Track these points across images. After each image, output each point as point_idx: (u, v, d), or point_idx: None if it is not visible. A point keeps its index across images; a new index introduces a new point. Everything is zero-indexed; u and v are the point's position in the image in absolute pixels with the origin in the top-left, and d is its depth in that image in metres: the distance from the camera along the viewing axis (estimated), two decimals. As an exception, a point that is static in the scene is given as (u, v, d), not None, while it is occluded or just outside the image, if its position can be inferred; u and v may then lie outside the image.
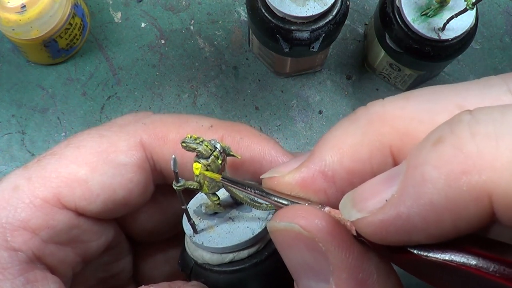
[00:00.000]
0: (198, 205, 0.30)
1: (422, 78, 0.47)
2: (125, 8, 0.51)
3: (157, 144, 0.30)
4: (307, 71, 0.49)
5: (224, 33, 0.51)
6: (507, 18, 0.52)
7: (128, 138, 0.30)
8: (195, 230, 0.29)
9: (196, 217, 0.29)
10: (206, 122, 0.31)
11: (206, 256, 0.29)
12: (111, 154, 0.29)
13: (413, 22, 0.41)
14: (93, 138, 0.29)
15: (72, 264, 0.30)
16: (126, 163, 0.29)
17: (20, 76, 0.49)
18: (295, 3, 0.39)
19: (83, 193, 0.28)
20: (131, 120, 0.31)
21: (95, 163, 0.28)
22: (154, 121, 0.31)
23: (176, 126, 0.30)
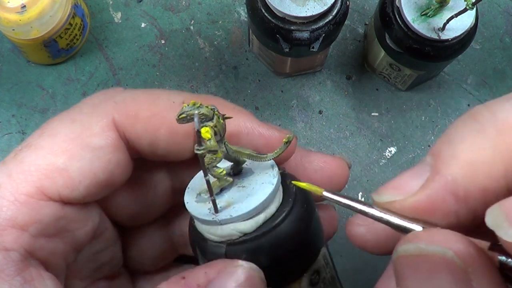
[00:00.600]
0: (196, 196, 0.29)
1: (422, 78, 0.47)
2: (125, 8, 0.51)
3: (129, 123, 0.30)
4: (307, 71, 0.49)
5: (224, 33, 0.51)
6: (507, 18, 0.52)
7: (101, 119, 0.29)
8: (216, 208, 0.27)
9: (204, 203, 0.28)
10: (178, 97, 0.30)
11: (240, 227, 0.27)
12: (86, 139, 0.29)
13: (413, 22, 0.41)
14: (65, 124, 0.29)
15: (63, 255, 0.30)
16: (102, 145, 0.29)
17: (20, 76, 0.49)
18: (295, 3, 0.39)
19: (65, 182, 0.28)
20: (101, 98, 0.31)
21: (72, 150, 0.28)
22: (125, 98, 0.30)
23: (147, 103, 0.30)
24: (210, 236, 0.28)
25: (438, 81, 0.50)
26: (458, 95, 0.50)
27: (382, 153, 0.49)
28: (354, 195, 0.48)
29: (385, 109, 0.50)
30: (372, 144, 0.49)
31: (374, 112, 0.50)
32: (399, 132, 0.49)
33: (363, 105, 0.50)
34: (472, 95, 0.50)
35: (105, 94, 0.31)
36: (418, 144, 0.49)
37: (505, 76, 0.51)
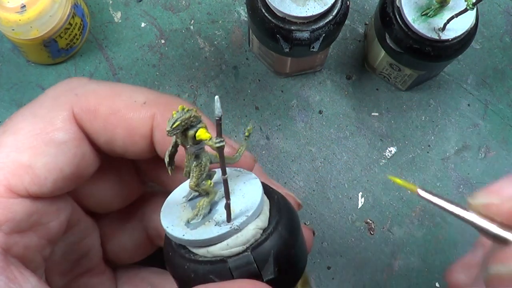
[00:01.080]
0: (184, 224, 0.27)
1: (422, 78, 0.47)
2: (125, 8, 0.51)
3: (87, 118, 0.29)
4: (307, 71, 0.49)
5: (224, 33, 0.51)
6: (507, 18, 0.52)
7: (62, 112, 0.29)
8: (229, 216, 0.26)
9: (203, 224, 0.27)
10: (141, 97, 0.30)
11: (260, 223, 0.26)
12: (49, 134, 0.28)
13: (413, 22, 0.41)
14: (27, 119, 0.29)
15: (38, 248, 0.30)
16: (66, 139, 0.29)
17: (20, 76, 0.49)
18: (295, 3, 0.39)
19: (32, 179, 0.28)
20: (63, 89, 0.30)
21: (36, 147, 0.28)
22: (87, 92, 0.30)
23: (109, 99, 0.30)
24: (225, 252, 0.26)
25: (438, 81, 0.50)
26: (458, 95, 0.50)
27: (382, 153, 0.49)
28: (354, 195, 0.48)
29: (385, 109, 0.50)
30: (372, 144, 0.49)
31: (374, 112, 0.50)
32: (399, 132, 0.49)
33: (363, 105, 0.50)
34: (472, 95, 0.50)
35: (68, 84, 0.31)
36: (418, 144, 0.49)
37: (505, 76, 0.51)
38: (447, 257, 0.47)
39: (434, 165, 0.49)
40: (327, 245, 0.47)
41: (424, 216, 0.48)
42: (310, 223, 0.47)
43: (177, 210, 0.28)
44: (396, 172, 0.48)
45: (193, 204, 0.28)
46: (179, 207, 0.28)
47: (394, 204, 0.48)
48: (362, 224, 0.47)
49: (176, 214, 0.28)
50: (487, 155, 0.49)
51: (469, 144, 0.49)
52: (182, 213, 0.28)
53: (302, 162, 0.48)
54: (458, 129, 0.49)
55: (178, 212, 0.28)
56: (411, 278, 0.47)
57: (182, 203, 0.28)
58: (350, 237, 0.47)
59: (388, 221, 0.47)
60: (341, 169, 0.48)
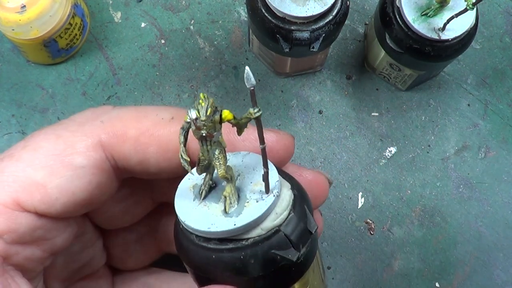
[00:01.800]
0: (207, 217, 0.27)
1: (422, 78, 0.47)
2: (125, 8, 0.51)
3: (116, 143, 0.29)
4: (307, 71, 0.49)
5: (224, 33, 0.51)
6: (507, 18, 0.52)
7: (86, 138, 0.29)
8: (268, 187, 0.26)
9: (238, 210, 0.27)
10: (166, 114, 0.30)
11: (289, 185, 0.27)
12: (68, 157, 0.28)
13: (413, 22, 0.41)
14: (50, 139, 0.29)
15: (40, 260, 0.30)
16: (84, 165, 0.29)
17: (20, 76, 0.49)
18: (295, 3, 0.39)
19: (42, 197, 0.28)
20: (89, 117, 0.30)
21: (52, 166, 0.28)
22: (112, 118, 0.30)
23: (135, 122, 0.30)
24: (277, 221, 0.26)
25: (438, 81, 0.50)
26: (458, 95, 0.50)
27: (382, 153, 0.49)
28: (354, 195, 0.48)
29: (385, 109, 0.50)
30: (372, 144, 0.49)
31: (374, 112, 0.50)
32: (399, 132, 0.49)
33: (363, 105, 0.50)
34: (472, 95, 0.50)
35: (93, 113, 0.31)
36: (418, 144, 0.49)
37: (505, 76, 0.51)
38: (447, 257, 0.47)
39: (434, 165, 0.49)
40: (327, 245, 0.47)
41: (424, 216, 0.48)
42: (310, 223, 0.47)
43: (201, 212, 0.27)
44: (396, 172, 0.48)
45: (214, 199, 0.27)
46: (199, 208, 0.27)
47: (394, 204, 0.48)
48: (362, 224, 0.47)
49: (202, 216, 0.27)
50: (487, 155, 0.49)
51: (469, 144, 0.49)
52: (209, 211, 0.27)
53: (302, 162, 0.48)
54: (458, 129, 0.49)
55: (202, 213, 0.27)
56: (411, 278, 0.47)
57: (199, 204, 0.28)
58: (350, 237, 0.47)
59: (388, 221, 0.47)
60: (341, 169, 0.48)
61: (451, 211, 0.48)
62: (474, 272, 0.47)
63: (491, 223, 0.48)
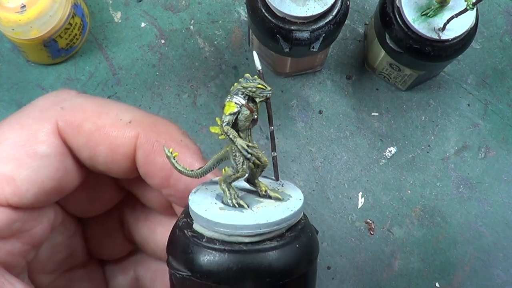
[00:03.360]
0: (214, 203, 0.26)
1: (422, 78, 0.47)
2: (125, 8, 0.51)
3: (71, 133, 0.29)
4: (307, 71, 0.49)
5: (224, 33, 0.50)
6: (507, 18, 0.52)
7: (46, 125, 0.29)
8: (277, 175, 0.28)
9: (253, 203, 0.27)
10: (127, 116, 0.29)
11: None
12: (33, 146, 0.28)
13: (413, 22, 0.41)
14: (14, 129, 0.29)
15: (22, 254, 0.29)
16: (49, 153, 0.29)
17: (20, 76, 0.49)
18: (295, 3, 0.39)
19: (13, 190, 0.28)
20: (51, 102, 0.30)
21: (19, 158, 0.28)
22: (73, 106, 0.29)
23: (94, 116, 0.29)
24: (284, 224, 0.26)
25: (438, 81, 0.50)
26: (458, 95, 0.50)
27: (382, 153, 0.49)
28: (354, 195, 0.48)
29: (385, 109, 0.50)
30: (372, 144, 0.49)
31: (374, 112, 0.50)
32: (399, 132, 0.49)
33: (363, 105, 0.50)
34: (472, 95, 0.50)
35: (56, 96, 0.30)
36: (418, 144, 0.49)
37: (505, 76, 0.51)
38: (447, 257, 0.47)
39: (434, 165, 0.49)
40: (327, 245, 0.47)
41: (424, 216, 0.48)
42: (310, 223, 0.47)
43: (256, 214, 0.26)
44: (396, 172, 0.48)
45: (252, 201, 0.27)
46: (249, 213, 0.26)
47: (394, 204, 0.48)
48: (362, 224, 0.47)
49: (263, 215, 0.26)
50: (487, 155, 0.49)
51: (469, 144, 0.49)
52: (262, 209, 0.26)
53: (302, 162, 0.48)
54: (458, 129, 0.49)
55: (259, 214, 0.26)
56: (411, 278, 0.47)
57: (248, 210, 0.26)
58: (350, 237, 0.47)
59: (388, 221, 0.47)
60: (341, 169, 0.48)
61: (451, 211, 0.48)
62: (474, 272, 0.47)
63: (491, 223, 0.48)
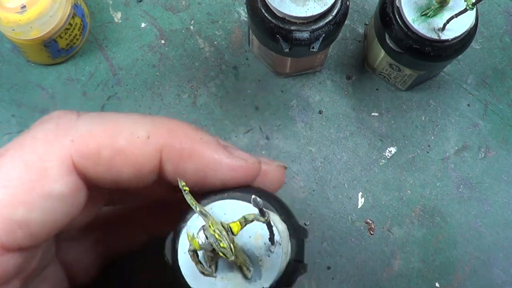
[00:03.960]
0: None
1: (422, 78, 0.47)
2: (125, 8, 0.51)
3: (90, 165, 0.27)
4: (307, 71, 0.50)
5: (224, 33, 0.51)
6: (507, 18, 0.52)
7: (58, 163, 0.27)
8: (272, 241, 0.27)
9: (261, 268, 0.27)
10: (142, 131, 0.28)
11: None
12: (45, 187, 0.26)
13: (413, 22, 0.41)
14: (18, 168, 0.27)
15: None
16: (64, 193, 0.27)
17: (20, 76, 0.49)
18: (295, 3, 0.39)
19: (25, 235, 0.26)
20: (55, 133, 0.28)
21: (30, 202, 0.26)
22: (83, 135, 0.28)
23: (109, 139, 0.28)
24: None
25: (438, 81, 0.50)
26: (458, 95, 0.50)
27: (382, 153, 0.49)
28: (354, 195, 0.48)
29: (385, 109, 0.50)
30: (372, 144, 0.49)
31: (374, 112, 0.50)
32: (399, 132, 0.49)
33: (363, 105, 0.50)
34: (472, 95, 0.50)
35: (57, 125, 0.28)
36: (418, 144, 0.49)
37: (505, 76, 0.51)
38: (447, 257, 0.47)
39: (434, 165, 0.49)
40: (327, 245, 0.47)
41: (424, 216, 0.48)
42: (310, 223, 0.47)
43: (223, 286, 0.27)
44: (396, 172, 0.48)
45: (226, 267, 0.27)
46: (219, 284, 0.27)
47: (394, 204, 0.48)
48: (362, 224, 0.47)
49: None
50: (487, 155, 0.49)
51: (469, 144, 0.49)
52: (230, 283, 0.27)
53: (302, 162, 0.48)
54: (458, 129, 0.50)
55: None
56: (411, 278, 0.47)
57: (216, 280, 0.27)
58: (350, 237, 0.47)
59: (388, 221, 0.48)
60: (341, 169, 0.48)
61: (451, 211, 0.48)
62: (474, 272, 0.47)
63: (491, 223, 0.48)
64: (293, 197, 0.47)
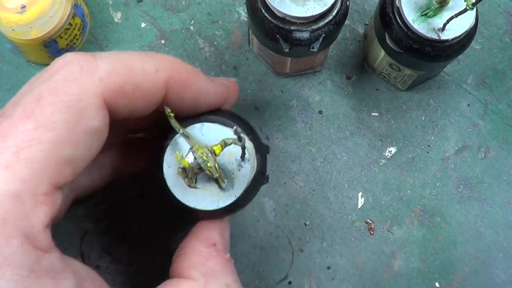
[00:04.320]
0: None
1: (422, 78, 0.47)
2: (125, 8, 0.51)
3: (117, 98, 0.31)
4: (307, 71, 0.50)
5: (224, 33, 0.51)
6: (507, 18, 0.52)
7: (94, 101, 0.30)
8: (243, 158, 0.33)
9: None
10: (151, 66, 0.32)
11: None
12: (86, 123, 0.29)
13: (413, 22, 0.41)
14: (61, 111, 0.29)
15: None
16: (100, 128, 0.30)
17: (20, 76, 0.49)
18: (295, 3, 0.39)
19: (71, 172, 0.29)
20: (83, 74, 0.30)
21: (75, 139, 0.29)
22: (108, 73, 0.30)
23: (128, 75, 0.31)
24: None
25: (438, 81, 0.50)
26: (458, 95, 0.50)
27: (382, 153, 0.49)
28: (354, 195, 0.48)
29: (385, 109, 0.50)
30: (372, 144, 0.49)
31: (374, 112, 0.50)
32: (399, 132, 0.49)
33: (363, 105, 0.50)
34: (472, 95, 0.50)
35: (81, 67, 0.31)
36: (418, 144, 0.49)
37: (505, 76, 0.51)
38: (447, 257, 0.47)
39: (434, 165, 0.49)
40: (327, 245, 0.47)
41: (424, 216, 0.48)
42: (310, 223, 0.47)
43: (201, 195, 0.33)
44: (396, 172, 0.49)
45: (204, 179, 0.33)
46: (198, 192, 0.33)
47: (394, 204, 0.48)
48: (362, 224, 0.47)
49: (205, 197, 0.33)
50: (487, 155, 0.49)
51: (469, 144, 0.49)
52: (207, 192, 0.33)
53: (302, 162, 0.48)
54: (458, 129, 0.50)
55: (204, 195, 0.33)
56: (411, 278, 0.47)
57: (195, 188, 0.33)
58: (350, 237, 0.47)
59: (388, 221, 0.48)
60: (341, 169, 0.48)
61: (451, 211, 0.48)
62: (474, 272, 0.47)
63: (491, 223, 0.48)
64: (293, 197, 0.47)
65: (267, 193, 0.47)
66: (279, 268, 0.46)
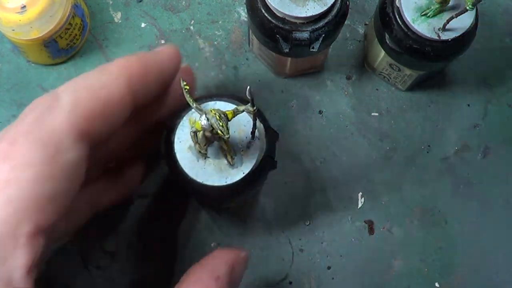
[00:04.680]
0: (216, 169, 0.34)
1: (422, 78, 0.47)
2: (125, 8, 0.51)
3: (91, 123, 0.31)
4: (307, 71, 0.50)
5: (224, 33, 0.51)
6: (507, 18, 0.52)
7: (68, 133, 0.29)
8: (253, 136, 0.34)
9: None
10: (108, 76, 0.32)
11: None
12: (64, 157, 0.29)
13: (413, 22, 0.41)
14: (38, 148, 0.29)
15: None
16: (79, 158, 0.30)
17: (20, 76, 0.49)
18: (295, 3, 0.39)
19: (53, 210, 0.28)
20: (52, 111, 0.30)
21: (55, 174, 0.28)
22: (73, 103, 0.30)
23: (93, 96, 0.31)
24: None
25: (438, 81, 0.50)
26: (458, 95, 0.50)
27: (382, 153, 0.49)
28: (354, 195, 0.48)
29: (385, 109, 0.50)
30: (372, 144, 0.49)
31: (374, 112, 0.50)
32: (399, 132, 0.49)
33: (363, 105, 0.50)
34: (472, 95, 0.50)
35: (48, 107, 0.31)
36: (418, 144, 0.49)
37: (505, 76, 0.51)
38: (447, 257, 0.47)
39: (434, 165, 0.49)
40: (327, 245, 0.47)
41: (424, 216, 0.48)
42: (310, 223, 0.47)
43: (210, 169, 0.33)
44: (396, 172, 0.48)
45: (214, 154, 0.34)
46: (207, 166, 0.33)
47: (394, 204, 0.48)
48: (362, 224, 0.47)
49: (213, 173, 0.33)
50: (487, 155, 0.49)
51: (469, 144, 0.49)
52: (216, 167, 0.33)
53: (302, 162, 0.48)
54: (458, 129, 0.50)
55: (212, 170, 0.33)
56: (411, 278, 0.47)
57: (205, 163, 0.34)
58: (350, 237, 0.47)
59: (388, 221, 0.48)
60: (341, 169, 0.48)
61: (451, 211, 0.48)
62: (474, 272, 0.47)
63: (491, 223, 0.48)
64: (293, 197, 0.47)
65: (267, 193, 0.47)
66: (279, 268, 0.46)
